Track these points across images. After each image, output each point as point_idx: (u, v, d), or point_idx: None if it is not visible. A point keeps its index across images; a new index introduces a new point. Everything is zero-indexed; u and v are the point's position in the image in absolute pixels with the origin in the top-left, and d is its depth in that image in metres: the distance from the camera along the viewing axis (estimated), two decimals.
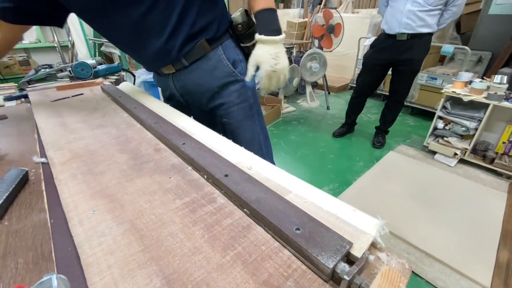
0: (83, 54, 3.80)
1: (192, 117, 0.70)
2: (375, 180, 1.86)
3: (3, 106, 0.97)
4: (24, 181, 0.51)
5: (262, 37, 0.65)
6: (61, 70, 1.06)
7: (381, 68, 2.11)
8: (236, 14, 0.73)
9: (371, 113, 3.10)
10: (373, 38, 3.67)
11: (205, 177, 0.46)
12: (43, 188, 0.50)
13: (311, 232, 0.31)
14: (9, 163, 0.59)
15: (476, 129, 1.92)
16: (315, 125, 2.75)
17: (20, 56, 3.90)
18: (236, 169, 0.43)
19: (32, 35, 3.97)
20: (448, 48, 2.52)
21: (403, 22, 1.82)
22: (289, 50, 3.28)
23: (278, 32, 0.66)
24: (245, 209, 0.37)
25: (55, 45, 4.05)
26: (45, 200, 0.46)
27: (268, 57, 0.66)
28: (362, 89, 2.27)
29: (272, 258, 0.31)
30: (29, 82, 1.00)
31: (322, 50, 3.07)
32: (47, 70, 1.01)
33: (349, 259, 0.30)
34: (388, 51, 1.98)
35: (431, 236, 1.38)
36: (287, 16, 4.70)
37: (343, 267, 0.27)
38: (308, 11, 4.92)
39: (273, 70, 0.66)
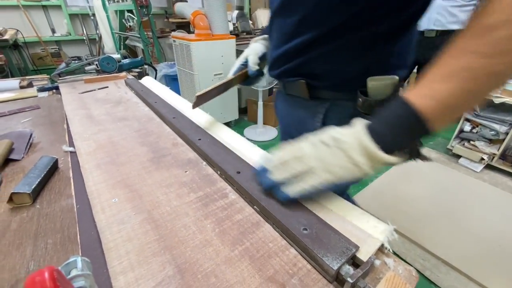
0: (109, 47, 3.95)
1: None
2: (393, 182, 1.81)
3: (37, 96, 1.04)
4: (54, 168, 0.55)
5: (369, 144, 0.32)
6: (89, 64, 1.12)
7: None
8: (381, 82, 0.42)
9: None
10: None
11: (219, 173, 0.47)
12: (71, 175, 0.54)
13: (318, 233, 0.31)
14: (41, 151, 0.64)
15: (507, 134, 1.80)
16: None
17: (52, 48, 4.13)
18: (249, 167, 0.45)
19: (63, 28, 4.18)
20: None
21: (433, 17, 1.71)
22: None
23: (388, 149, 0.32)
24: (255, 206, 0.39)
25: (84, 38, 4.25)
26: (72, 187, 0.50)
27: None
28: None
29: (278, 256, 0.32)
30: (60, 74, 1.07)
31: None
32: (77, 63, 1.07)
33: (355, 262, 0.30)
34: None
35: (450, 243, 1.33)
36: None
37: (348, 269, 0.27)
38: None
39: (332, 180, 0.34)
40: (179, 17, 4.09)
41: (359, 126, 0.33)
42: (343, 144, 0.32)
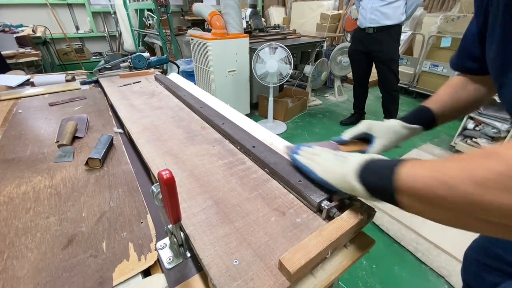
0: (129, 43, 4.17)
1: None
2: None
3: (80, 88, 1.22)
4: (111, 144, 0.72)
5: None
6: (124, 61, 1.29)
7: (362, 57, 2.36)
8: None
9: (400, 110, 3.07)
10: (409, 33, 3.55)
11: (238, 147, 0.62)
12: (124, 149, 0.71)
13: (307, 183, 0.46)
14: (97, 131, 0.81)
15: (508, 131, 1.87)
16: (340, 119, 2.81)
17: (76, 45, 4.39)
18: (261, 143, 0.60)
19: (87, 25, 4.43)
20: (445, 42, 2.82)
21: (368, 17, 2.09)
22: (320, 44, 3.32)
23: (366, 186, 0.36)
24: (266, 169, 0.54)
25: (105, 35, 4.49)
26: (127, 157, 0.67)
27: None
28: (356, 79, 2.57)
29: (281, 198, 0.47)
30: (100, 70, 1.25)
31: None
32: (115, 60, 1.24)
33: (331, 200, 0.44)
34: (362, 43, 2.28)
35: (443, 230, 1.44)
36: (321, 8, 4.67)
37: (326, 202, 0.42)
38: (343, 2, 4.83)
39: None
40: (194, 15, 4.27)
41: (361, 159, 0.38)
42: (345, 162, 0.40)
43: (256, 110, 2.99)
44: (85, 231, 0.45)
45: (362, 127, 0.54)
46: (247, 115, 2.82)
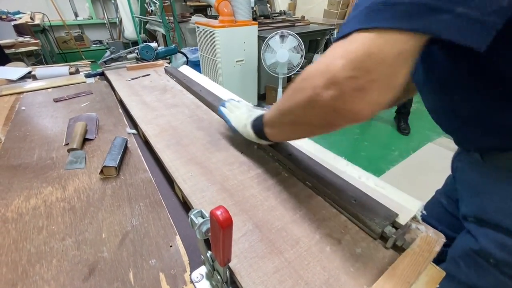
0: (130, 31, 4.02)
1: None
2: (409, 171, 1.86)
3: (85, 82, 1.14)
4: (125, 147, 0.66)
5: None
6: (130, 52, 1.20)
7: None
8: None
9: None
10: None
11: (270, 154, 0.56)
12: (140, 153, 0.64)
13: (365, 203, 0.39)
14: (108, 132, 0.74)
15: None
16: None
17: (75, 32, 4.25)
18: (297, 150, 0.53)
19: (85, 12, 4.27)
20: None
21: None
22: (329, 32, 3.18)
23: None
24: (307, 182, 0.47)
25: (105, 21, 4.33)
26: (145, 163, 0.60)
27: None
28: None
29: (331, 220, 0.40)
30: (106, 62, 1.16)
31: None
32: (121, 51, 1.16)
33: (394, 226, 0.38)
34: None
35: None
36: None
37: (390, 229, 0.36)
38: None
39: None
40: (197, 0, 4.09)
41: (257, 114, 0.50)
42: (249, 116, 0.52)
43: (263, 101, 2.90)
44: (108, 257, 0.40)
45: None
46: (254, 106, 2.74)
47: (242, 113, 0.54)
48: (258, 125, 0.47)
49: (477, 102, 0.37)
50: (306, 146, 0.56)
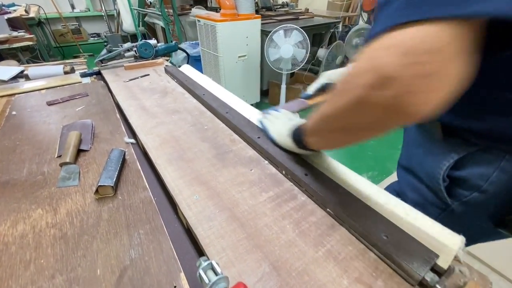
0: (128, 23, 3.92)
1: None
2: None
3: (81, 82, 1.08)
4: (123, 160, 0.60)
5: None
6: (128, 50, 1.13)
7: None
8: None
9: None
10: None
11: (283, 172, 0.50)
12: (139, 167, 0.59)
13: (399, 240, 0.34)
14: (104, 142, 0.68)
15: None
16: None
17: (72, 25, 4.14)
18: (314, 169, 0.47)
19: (82, 4, 4.15)
20: None
21: None
22: (334, 25, 3.08)
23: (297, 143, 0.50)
24: (328, 209, 0.42)
25: (102, 14, 4.21)
26: (145, 180, 0.55)
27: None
28: None
29: (360, 259, 0.35)
30: (102, 61, 1.10)
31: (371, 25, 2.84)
32: (118, 49, 1.09)
33: (433, 268, 0.33)
34: None
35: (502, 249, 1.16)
36: None
37: (433, 276, 0.30)
38: None
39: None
40: None
41: (296, 123, 0.50)
42: (288, 126, 0.51)
43: (266, 98, 2.83)
44: None
45: (322, 79, 0.61)
46: (256, 103, 2.67)
47: (281, 122, 0.55)
48: (297, 134, 0.47)
49: None
50: (324, 164, 0.51)
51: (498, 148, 0.39)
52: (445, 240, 0.35)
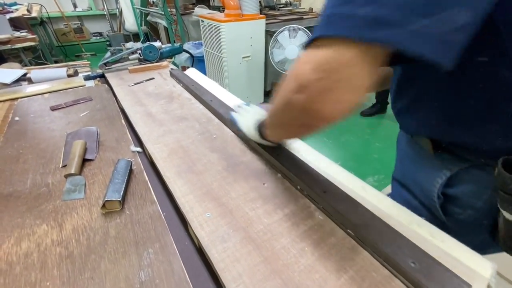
0: (130, 23, 3.89)
1: None
2: None
3: (85, 85, 1.06)
4: (130, 171, 0.58)
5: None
6: (133, 53, 1.11)
7: None
8: None
9: None
10: None
11: (298, 187, 0.48)
12: (147, 179, 0.57)
13: (428, 268, 0.32)
14: (110, 150, 0.66)
15: None
16: (361, 110, 2.63)
17: (74, 24, 4.12)
18: (333, 185, 0.45)
19: (85, 3, 4.13)
20: None
21: None
22: None
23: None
24: (348, 230, 0.39)
25: (105, 13, 4.19)
26: (152, 192, 0.53)
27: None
28: None
29: (385, 286, 0.33)
30: (106, 64, 1.08)
31: None
32: (122, 52, 1.07)
33: None
34: None
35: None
36: None
37: None
38: None
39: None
40: None
41: (261, 117, 0.52)
42: (255, 119, 0.54)
43: (269, 99, 2.80)
44: None
45: None
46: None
47: (250, 116, 0.58)
48: (260, 127, 0.52)
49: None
50: (339, 177, 0.48)
51: (490, 165, 0.38)
52: (476, 267, 0.33)
